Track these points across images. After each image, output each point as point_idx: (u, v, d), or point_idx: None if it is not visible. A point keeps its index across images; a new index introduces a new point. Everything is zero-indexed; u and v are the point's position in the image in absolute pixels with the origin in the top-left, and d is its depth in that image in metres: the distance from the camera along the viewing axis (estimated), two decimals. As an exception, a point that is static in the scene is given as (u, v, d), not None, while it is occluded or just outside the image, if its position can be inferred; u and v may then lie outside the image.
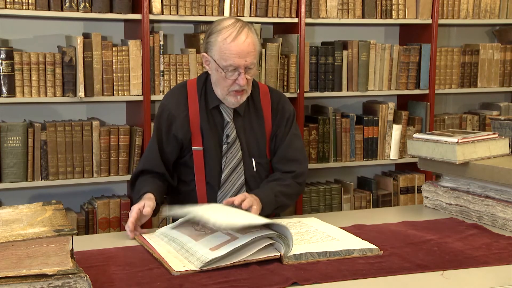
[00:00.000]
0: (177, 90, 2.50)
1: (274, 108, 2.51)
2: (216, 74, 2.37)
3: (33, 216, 1.58)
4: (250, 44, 2.33)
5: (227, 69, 2.32)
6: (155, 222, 3.27)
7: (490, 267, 1.82)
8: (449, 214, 2.39)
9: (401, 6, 3.65)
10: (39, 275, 1.43)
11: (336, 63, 3.57)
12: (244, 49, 2.32)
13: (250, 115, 2.47)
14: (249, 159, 2.44)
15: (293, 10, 3.41)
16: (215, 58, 2.35)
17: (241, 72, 2.33)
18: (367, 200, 3.75)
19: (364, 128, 3.68)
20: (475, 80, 3.91)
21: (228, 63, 2.31)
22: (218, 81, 2.37)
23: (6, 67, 2.96)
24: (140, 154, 3.20)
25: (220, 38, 2.33)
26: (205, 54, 2.40)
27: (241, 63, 2.31)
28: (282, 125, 2.49)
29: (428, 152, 2.40)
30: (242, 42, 2.32)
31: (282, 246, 1.82)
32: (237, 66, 2.31)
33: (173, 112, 2.43)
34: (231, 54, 2.31)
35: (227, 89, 2.36)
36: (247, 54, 2.32)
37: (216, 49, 2.34)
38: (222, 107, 2.44)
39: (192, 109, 2.43)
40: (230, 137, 2.41)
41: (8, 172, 3.01)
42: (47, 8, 3.01)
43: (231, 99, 2.38)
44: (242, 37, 2.32)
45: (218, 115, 2.44)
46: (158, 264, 1.82)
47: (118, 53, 3.14)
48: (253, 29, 2.39)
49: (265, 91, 2.54)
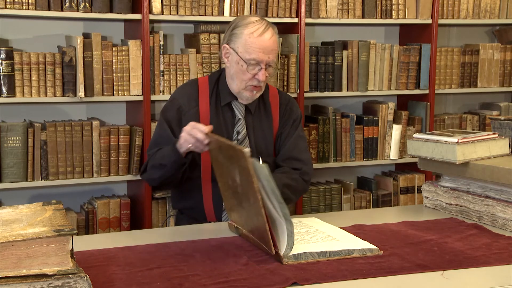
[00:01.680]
0: (189, 86, 2.53)
1: (282, 110, 2.56)
2: (236, 66, 2.41)
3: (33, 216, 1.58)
4: (274, 42, 2.41)
5: (250, 63, 2.38)
6: (155, 223, 3.28)
7: (490, 267, 1.82)
8: (449, 214, 2.39)
9: (401, 6, 3.65)
10: (39, 275, 1.43)
11: (336, 63, 3.57)
12: (269, 45, 2.38)
13: (260, 114, 2.51)
14: (256, 157, 2.45)
15: (293, 10, 3.41)
16: (238, 51, 2.39)
17: (262, 68, 2.38)
18: (367, 200, 3.74)
19: (364, 128, 3.68)
20: (475, 80, 3.91)
21: (252, 56, 2.37)
22: (237, 74, 2.41)
23: (6, 67, 2.96)
24: (140, 154, 3.20)
25: (247, 32, 2.38)
26: (226, 45, 2.44)
27: (264, 58, 2.37)
28: (288, 125, 2.54)
29: (428, 152, 2.40)
30: (268, 38, 2.39)
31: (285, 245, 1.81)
32: (260, 60, 2.37)
33: (183, 107, 2.45)
34: (256, 48, 2.37)
35: (245, 83, 2.40)
36: (270, 51, 2.39)
37: (241, 42, 2.39)
38: (234, 104, 2.47)
39: (203, 105, 2.45)
40: (240, 133, 2.44)
41: (8, 172, 3.01)
42: (47, 8, 3.01)
43: (247, 93, 2.42)
44: (268, 34, 2.39)
45: (229, 112, 2.47)
46: (158, 264, 1.81)
47: (118, 53, 3.14)
48: (277, 32, 2.45)
49: (275, 93, 2.59)
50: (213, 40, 3.29)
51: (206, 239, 2.07)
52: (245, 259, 1.85)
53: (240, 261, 1.84)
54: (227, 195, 2.09)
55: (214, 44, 3.29)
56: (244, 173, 1.81)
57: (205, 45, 3.28)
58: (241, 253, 1.92)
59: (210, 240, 2.06)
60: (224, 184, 2.08)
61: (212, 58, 3.30)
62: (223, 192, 2.12)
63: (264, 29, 2.39)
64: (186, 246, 1.99)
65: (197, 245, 2.01)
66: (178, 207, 2.61)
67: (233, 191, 1.99)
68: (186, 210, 2.56)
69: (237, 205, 2.02)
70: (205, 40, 3.28)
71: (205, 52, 3.28)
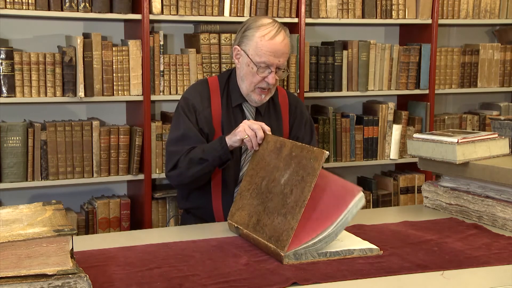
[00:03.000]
0: (200, 86, 2.53)
1: (292, 111, 2.58)
2: (246, 68, 2.41)
3: (33, 216, 1.58)
4: (286, 45, 2.40)
5: (260, 66, 2.38)
6: (155, 223, 3.28)
7: (490, 267, 1.82)
8: (449, 214, 2.39)
9: (401, 6, 3.65)
10: (39, 275, 1.43)
11: (336, 63, 3.57)
12: (280, 49, 2.38)
13: (270, 116, 2.52)
14: None
15: (293, 10, 3.41)
16: (249, 53, 2.39)
17: (272, 71, 2.38)
18: (367, 200, 3.75)
19: (364, 128, 3.68)
20: (475, 80, 3.91)
21: (262, 59, 2.36)
22: (246, 76, 2.41)
23: (6, 67, 2.96)
24: (140, 154, 3.20)
25: (258, 34, 2.38)
26: (237, 47, 2.45)
27: (275, 62, 2.37)
28: (301, 129, 2.56)
29: (428, 152, 2.40)
30: (279, 42, 2.38)
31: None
32: (270, 64, 2.37)
33: (197, 106, 2.45)
34: (267, 51, 2.36)
35: (254, 85, 2.40)
36: (281, 55, 2.38)
37: (252, 44, 2.39)
38: (245, 105, 2.48)
39: (215, 106, 2.45)
40: None
41: (8, 172, 3.01)
42: (47, 8, 3.01)
43: (255, 96, 2.42)
44: (280, 37, 2.38)
45: (239, 113, 2.48)
46: (158, 264, 1.82)
47: (118, 53, 3.14)
48: (289, 35, 2.44)
49: (283, 93, 2.61)
50: (213, 40, 3.29)
51: (206, 239, 2.07)
52: (245, 259, 1.86)
53: (240, 261, 1.84)
54: (245, 194, 2.12)
55: (214, 44, 3.29)
56: (303, 173, 1.89)
57: (205, 45, 3.28)
58: (241, 253, 1.92)
59: (210, 240, 2.06)
60: (249, 184, 2.12)
61: (212, 58, 3.29)
62: (242, 192, 2.14)
63: (276, 32, 2.38)
64: (186, 246, 1.99)
65: (197, 245, 2.01)
66: (185, 206, 2.59)
67: (259, 191, 2.04)
68: (194, 210, 2.55)
69: (254, 205, 2.05)
70: (205, 40, 3.28)
71: (205, 52, 3.28)
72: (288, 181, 1.94)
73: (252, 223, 2.01)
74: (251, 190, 2.10)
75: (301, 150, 1.96)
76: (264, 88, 2.41)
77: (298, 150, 1.97)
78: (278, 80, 2.44)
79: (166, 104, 3.49)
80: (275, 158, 2.06)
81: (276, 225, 1.89)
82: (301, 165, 1.92)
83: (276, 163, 2.04)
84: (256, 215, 2.01)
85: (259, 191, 2.05)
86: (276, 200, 1.96)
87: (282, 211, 1.90)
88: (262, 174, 2.09)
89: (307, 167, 1.89)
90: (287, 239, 1.82)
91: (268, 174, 2.06)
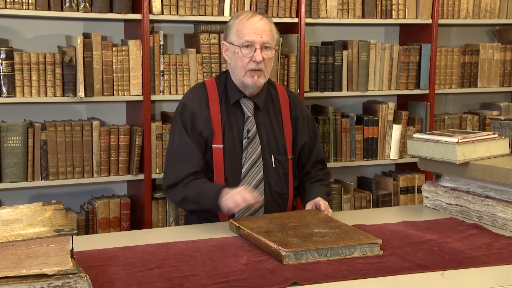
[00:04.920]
0: (197, 90, 2.54)
1: (292, 108, 2.59)
2: (234, 57, 2.44)
3: (33, 216, 1.58)
4: (265, 24, 2.44)
5: (243, 46, 2.40)
6: (155, 223, 3.28)
7: (490, 267, 1.82)
8: (449, 214, 2.39)
9: (401, 6, 3.64)
10: (39, 275, 1.43)
11: (336, 63, 3.57)
12: (259, 26, 2.42)
13: (269, 112, 2.53)
14: (268, 155, 2.48)
15: (293, 10, 3.41)
16: (233, 40, 2.44)
17: (257, 48, 2.40)
18: (367, 200, 3.74)
19: (364, 128, 3.68)
20: (475, 80, 3.91)
21: (244, 39, 2.40)
22: (236, 63, 2.44)
23: (6, 67, 2.96)
24: (140, 154, 3.20)
25: (237, 21, 2.45)
26: (224, 42, 2.50)
27: (257, 39, 2.40)
28: (305, 132, 2.59)
29: (428, 152, 2.40)
30: (257, 20, 2.43)
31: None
32: (252, 41, 2.40)
33: (195, 111, 2.46)
34: (246, 31, 2.40)
35: (244, 69, 2.42)
36: (262, 32, 2.41)
37: (233, 31, 2.44)
38: (242, 102, 2.48)
39: (213, 108, 2.46)
40: (250, 131, 2.45)
41: (8, 172, 3.01)
42: (47, 8, 3.01)
43: (248, 80, 2.43)
44: (257, 17, 2.44)
45: (238, 111, 2.49)
46: (158, 264, 1.82)
47: (118, 53, 3.14)
48: (271, 19, 2.49)
49: (283, 90, 2.62)
50: (213, 40, 3.29)
51: (206, 239, 2.07)
52: (245, 259, 1.86)
53: (240, 261, 1.84)
54: (265, 221, 2.17)
55: (214, 44, 3.29)
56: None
57: (205, 45, 3.28)
58: (241, 253, 1.92)
59: (210, 240, 2.06)
60: (275, 219, 2.19)
61: (212, 58, 3.29)
62: (263, 216, 2.25)
63: (253, 14, 2.45)
64: (186, 246, 1.99)
65: (197, 245, 2.01)
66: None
67: (284, 227, 2.09)
68: (198, 211, 2.55)
69: (270, 226, 2.10)
70: (205, 40, 3.28)
71: (205, 52, 3.28)
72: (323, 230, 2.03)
73: (259, 231, 2.03)
74: (274, 222, 2.14)
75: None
76: (254, 69, 2.41)
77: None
78: (268, 60, 2.42)
79: (166, 104, 3.49)
80: (318, 221, 2.14)
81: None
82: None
83: (316, 223, 2.11)
84: (268, 228, 2.06)
85: (284, 227, 2.08)
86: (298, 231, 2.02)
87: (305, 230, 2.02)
88: (294, 221, 2.15)
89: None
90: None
91: (302, 223, 2.11)
